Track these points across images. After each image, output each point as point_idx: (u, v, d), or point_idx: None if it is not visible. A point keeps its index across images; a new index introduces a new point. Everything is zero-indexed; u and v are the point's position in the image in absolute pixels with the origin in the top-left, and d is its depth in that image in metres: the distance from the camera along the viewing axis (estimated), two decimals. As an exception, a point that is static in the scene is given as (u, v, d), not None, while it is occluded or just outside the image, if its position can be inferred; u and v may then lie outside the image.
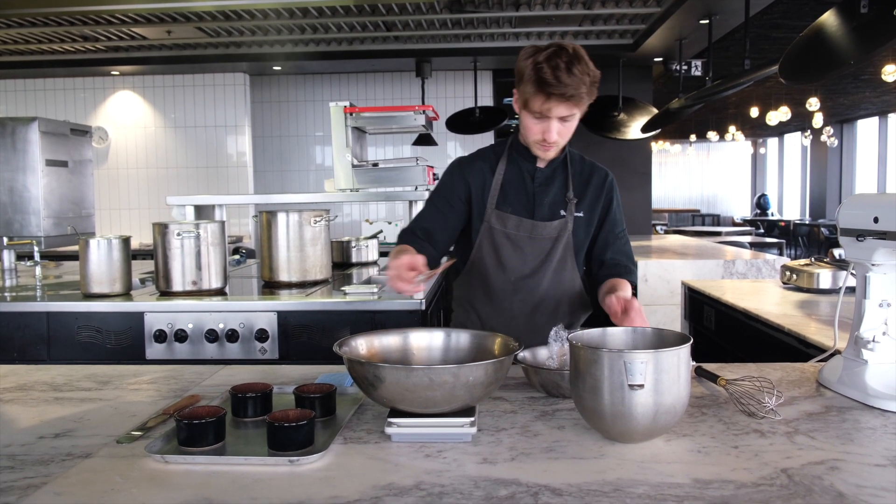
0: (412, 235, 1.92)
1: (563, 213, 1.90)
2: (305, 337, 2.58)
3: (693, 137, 15.07)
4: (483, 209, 1.91)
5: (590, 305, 2.00)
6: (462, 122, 6.75)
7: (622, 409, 1.18)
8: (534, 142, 1.84)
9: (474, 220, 1.93)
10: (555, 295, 1.92)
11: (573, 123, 1.82)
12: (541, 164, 1.93)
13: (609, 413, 1.19)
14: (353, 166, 3.24)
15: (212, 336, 2.56)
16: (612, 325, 1.60)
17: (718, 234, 9.24)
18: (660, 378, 1.17)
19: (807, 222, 14.13)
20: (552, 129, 1.78)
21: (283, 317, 2.59)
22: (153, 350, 2.59)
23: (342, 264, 3.73)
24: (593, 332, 1.38)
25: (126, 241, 2.76)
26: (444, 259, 1.81)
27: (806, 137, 14.23)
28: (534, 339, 1.76)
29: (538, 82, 1.70)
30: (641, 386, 1.16)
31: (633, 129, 6.62)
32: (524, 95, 1.76)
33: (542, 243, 1.89)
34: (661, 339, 1.35)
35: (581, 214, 1.92)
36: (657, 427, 1.20)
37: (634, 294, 1.85)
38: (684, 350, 1.21)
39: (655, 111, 6.65)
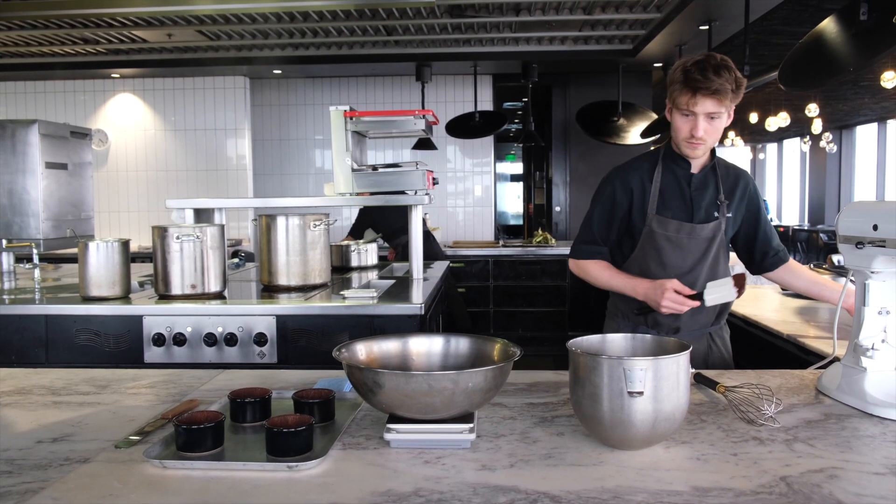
0: (591, 244, 2.15)
1: (716, 214, 2.07)
2: (304, 341, 2.58)
3: (692, 143, 15.04)
4: (644, 214, 2.07)
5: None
6: (462, 127, 6.76)
7: (621, 416, 1.17)
8: (683, 140, 1.97)
9: (636, 223, 2.09)
10: None
11: (720, 123, 1.94)
12: (694, 170, 2.07)
13: (608, 420, 1.19)
14: (353, 170, 3.23)
15: (210, 340, 2.56)
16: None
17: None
18: (659, 385, 1.17)
19: (806, 228, 14.13)
20: (699, 126, 1.91)
21: (282, 321, 2.58)
22: (151, 353, 2.58)
23: (341, 268, 3.73)
24: (592, 339, 1.38)
25: (125, 244, 2.75)
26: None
27: (805, 143, 14.24)
28: (692, 325, 2.09)
29: (686, 80, 1.88)
30: (641, 393, 1.16)
31: (633, 134, 6.63)
32: (674, 95, 1.93)
33: (699, 243, 2.05)
34: (661, 347, 1.35)
35: (730, 215, 2.09)
36: (656, 434, 1.20)
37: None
38: (683, 357, 1.21)
39: (655, 116, 6.66)
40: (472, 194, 7.37)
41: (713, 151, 2.11)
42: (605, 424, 1.20)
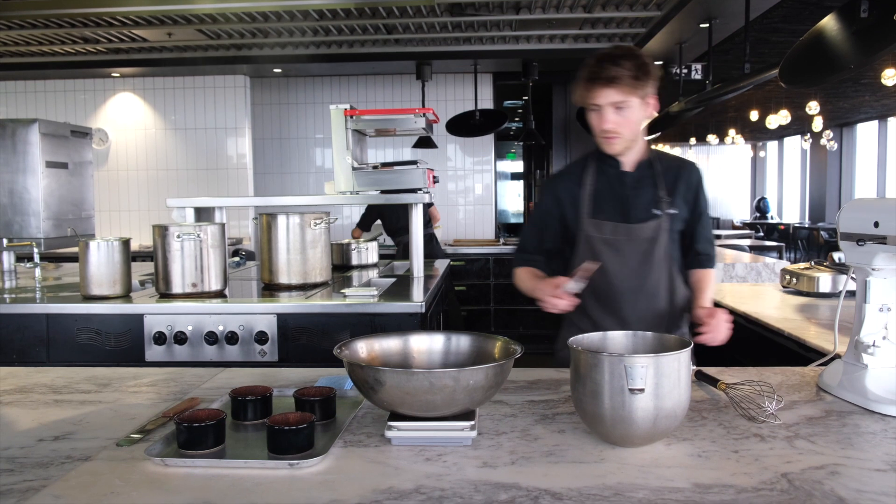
0: (525, 253, 2.11)
1: (657, 212, 1.94)
2: (305, 339, 2.58)
3: (693, 140, 15.05)
4: (578, 220, 1.98)
5: (690, 293, 2.06)
6: (462, 125, 6.75)
7: (623, 414, 1.17)
8: (597, 135, 1.90)
9: (572, 230, 2.01)
10: (660, 291, 1.96)
11: (631, 114, 1.85)
12: (627, 168, 1.98)
13: (609, 417, 1.19)
14: (354, 169, 3.23)
15: (211, 338, 2.56)
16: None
17: (718, 237, 9.23)
18: (660, 382, 1.17)
19: (806, 226, 14.12)
20: (605, 118, 1.84)
21: (283, 319, 2.58)
22: (152, 352, 2.58)
23: (342, 267, 3.73)
24: (593, 336, 1.38)
25: (126, 242, 2.75)
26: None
27: (806, 141, 14.22)
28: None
29: (586, 73, 1.83)
30: (642, 390, 1.16)
31: (633, 132, 6.62)
32: (579, 92, 1.87)
33: (640, 244, 1.94)
34: (662, 344, 1.35)
35: (676, 211, 1.96)
36: (657, 431, 1.20)
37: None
38: (684, 354, 1.21)
39: (655, 114, 6.65)
40: (473, 193, 7.37)
41: (649, 146, 2.02)
42: (607, 421, 1.20)
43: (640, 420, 1.17)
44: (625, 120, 1.86)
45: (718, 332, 1.76)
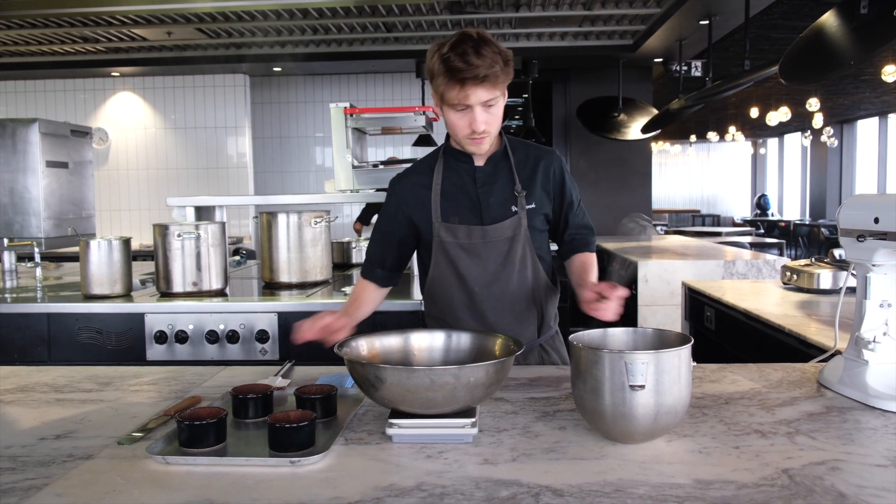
0: (368, 265, 1.93)
1: (514, 209, 1.78)
2: (306, 338, 2.58)
3: (693, 138, 15.06)
4: (429, 224, 1.80)
5: (558, 291, 1.93)
6: (462, 123, 6.75)
7: (623, 410, 1.18)
8: (463, 137, 1.71)
9: (423, 236, 1.84)
10: (524, 293, 1.82)
11: (498, 109, 1.70)
12: (479, 163, 1.80)
13: (610, 414, 1.19)
14: (354, 167, 3.23)
15: (212, 337, 2.56)
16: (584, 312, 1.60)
17: (718, 234, 9.22)
18: (661, 379, 1.17)
19: (807, 223, 14.12)
20: (478, 118, 1.66)
21: (284, 318, 2.59)
22: (154, 351, 2.59)
23: (342, 265, 3.73)
24: (594, 333, 1.38)
25: (126, 242, 2.76)
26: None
27: (806, 138, 14.23)
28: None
29: (449, 72, 1.61)
30: (642, 387, 1.16)
31: (634, 129, 6.62)
32: (440, 90, 1.67)
33: (498, 246, 1.78)
34: (662, 340, 1.35)
35: (534, 205, 1.80)
36: (658, 428, 1.20)
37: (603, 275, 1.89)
38: (685, 351, 1.21)
39: (655, 112, 6.65)
40: (473, 191, 7.36)
41: (501, 136, 1.84)
42: (607, 418, 1.20)
43: (640, 416, 1.17)
44: (493, 117, 1.69)
45: (607, 311, 1.54)
